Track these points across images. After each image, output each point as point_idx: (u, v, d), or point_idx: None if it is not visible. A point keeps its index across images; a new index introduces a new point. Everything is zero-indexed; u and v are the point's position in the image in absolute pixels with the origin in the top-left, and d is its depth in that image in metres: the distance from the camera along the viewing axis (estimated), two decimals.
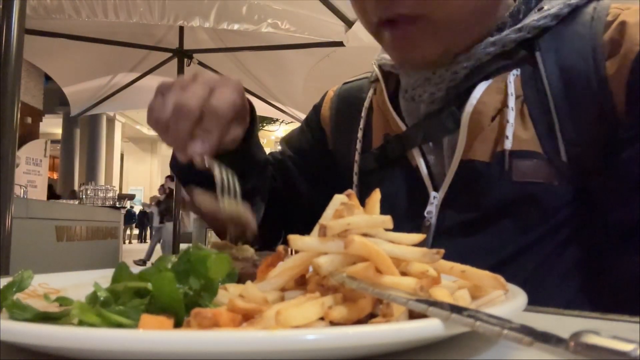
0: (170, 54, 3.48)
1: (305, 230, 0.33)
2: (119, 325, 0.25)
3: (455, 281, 0.34)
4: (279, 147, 0.86)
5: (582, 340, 0.21)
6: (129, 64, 3.64)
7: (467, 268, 0.33)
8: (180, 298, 0.25)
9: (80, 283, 0.43)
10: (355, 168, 0.72)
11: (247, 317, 0.25)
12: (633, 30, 0.55)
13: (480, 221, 0.58)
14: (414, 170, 0.64)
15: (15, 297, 0.33)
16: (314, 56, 3.08)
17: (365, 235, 0.31)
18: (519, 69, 0.59)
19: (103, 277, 0.45)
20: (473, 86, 0.60)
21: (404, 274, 0.30)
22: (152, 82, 3.79)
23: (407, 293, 0.27)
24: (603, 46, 0.56)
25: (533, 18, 0.60)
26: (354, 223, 0.31)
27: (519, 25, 0.60)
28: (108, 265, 0.48)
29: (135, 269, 0.35)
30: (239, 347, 0.20)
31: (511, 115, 0.57)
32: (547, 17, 0.59)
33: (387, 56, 0.71)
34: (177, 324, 0.26)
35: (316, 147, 0.81)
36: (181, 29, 3.35)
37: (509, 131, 0.57)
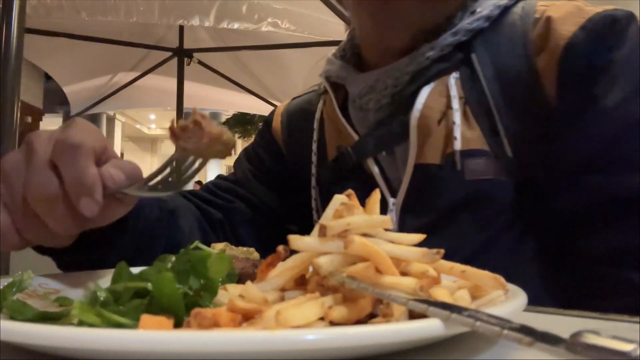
0: (170, 53, 3.48)
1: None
2: (119, 325, 0.25)
3: (455, 281, 0.34)
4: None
5: (582, 340, 0.21)
6: (129, 63, 3.64)
7: (467, 268, 0.33)
8: (180, 298, 0.25)
9: (80, 283, 0.43)
10: (313, 182, 0.73)
11: (247, 317, 0.25)
12: (558, 25, 0.57)
13: (439, 223, 0.59)
14: (370, 178, 0.65)
15: (15, 297, 0.33)
16: (314, 55, 3.07)
17: (365, 235, 0.31)
18: (457, 72, 0.61)
19: (103, 277, 0.46)
20: (416, 92, 0.62)
21: (404, 274, 0.30)
22: (152, 81, 3.79)
23: (407, 293, 0.27)
24: (532, 42, 0.59)
25: (467, 21, 0.62)
26: (354, 223, 0.31)
27: (454, 29, 0.62)
28: None
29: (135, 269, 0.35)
30: (239, 347, 0.20)
31: (457, 116, 0.59)
32: (480, 20, 0.62)
33: (333, 67, 0.72)
34: (177, 324, 0.26)
35: (273, 158, 0.80)
36: (181, 28, 3.35)
37: (457, 132, 0.58)
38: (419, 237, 0.34)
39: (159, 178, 0.43)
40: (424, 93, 0.61)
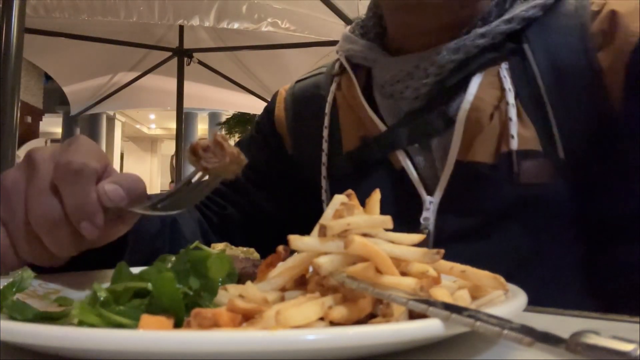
0: (170, 53, 3.48)
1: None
2: (119, 325, 0.25)
3: (455, 281, 0.34)
4: None
5: (582, 340, 0.21)
6: (128, 63, 3.64)
7: (467, 268, 0.32)
8: (180, 298, 0.25)
9: (80, 283, 0.43)
10: (324, 171, 0.66)
11: (247, 317, 0.25)
12: (626, 21, 0.53)
13: (483, 226, 0.55)
14: (398, 173, 0.59)
15: (15, 297, 0.33)
16: (314, 55, 3.07)
17: (365, 235, 0.31)
18: (506, 63, 0.56)
19: (103, 277, 0.46)
20: (461, 82, 0.56)
21: (404, 274, 0.30)
22: (152, 81, 3.79)
23: (407, 293, 0.27)
24: (592, 37, 0.54)
25: (521, 8, 0.57)
26: (354, 223, 0.31)
27: (507, 16, 0.56)
28: None
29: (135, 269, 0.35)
30: (239, 347, 0.20)
31: (512, 112, 0.53)
32: (536, 8, 0.56)
33: (355, 47, 0.65)
34: (177, 324, 0.26)
35: (273, 154, 0.74)
36: (181, 28, 3.35)
37: (513, 129, 0.53)
38: (419, 237, 0.34)
39: (172, 198, 0.43)
40: (475, 83, 0.56)
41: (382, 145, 0.61)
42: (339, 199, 0.35)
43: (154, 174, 17.28)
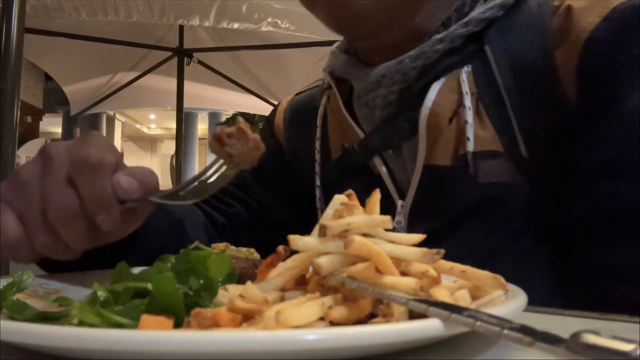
0: (170, 53, 3.48)
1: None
2: (119, 325, 0.25)
3: (455, 281, 0.34)
4: None
5: (582, 340, 0.21)
6: (128, 63, 3.64)
7: (467, 268, 0.33)
8: (180, 298, 0.25)
9: (80, 283, 0.43)
10: (317, 180, 0.69)
11: (247, 317, 0.25)
12: (579, 16, 0.53)
13: (449, 227, 0.56)
14: (376, 178, 0.61)
15: (15, 297, 0.33)
16: (314, 55, 3.07)
17: (365, 235, 0.31)
18: (469, 65, 0.57)
19: (103, 277, 0.46)
20: (425, 87, 0.58)
21: (404, 274, 0.30)
22: (152, 81, 3.79)
23: (407, 293, 0.27)
24: (551, 33, 0.54)
25: (479, 10, 0.58)
26: (354, 223, 0.31)
27: (465, 19, 0.57)
28: None
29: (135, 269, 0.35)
30: (239, 347, 0.20)
31: (469, 115, 0.55)
32: (493, 8, 0.57)
33: (337, 61, 0.68)
34: (177, 324, 0.26)
35: (275, 160, 0.76)
36: (181, 28, 3.35)
37: (469, 132, 0.55)
38: (419, 237, 0.34)
39: (192, 186, 0.44)
40: (434, 89, 0.57)
41: (360, 152, 0.63)
42: (339, 199, 0.35)
43: None
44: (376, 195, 0.35)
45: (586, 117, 0.52)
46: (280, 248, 0.31)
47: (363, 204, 0.67)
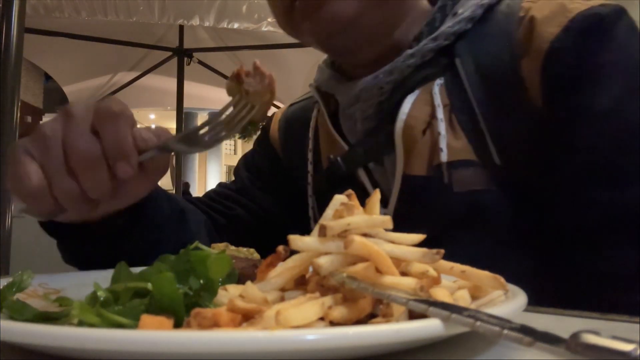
0: (170, 53, 3.48)
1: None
2: (119, 325, 0.25)
3: (455, 281, 0.34)
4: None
5: (582, 340, 0.21)
6: (128, 63, 3.63)
7: (467, 268, 0.33)
8: (180, 298, 0.25)
9: (80, 283, 0.43)
10: (310, 190, 0.71)
11: (247, 317, 0.25)
12: (541, 27, 0.54)
13: (432, 235, 0.57)
14: (363, 188, 0.63)
15: (15, 297, 0.33)
16: (314, 55, 3.06)
17: (365, 235, 0.31)
18: (442, 78, 0.59)
19: (103, 277, 0.46)
20: (401, 101, 0.60)
21: (404, 274, 0.30)
22: (152, 81, 3.79)
23: (407, 293, 0.27)
24: (517, 43, 0.55)
25: (447, 25, 0.59)
26: (354, 223, 0.31)
27: (435, 34, 0.59)
28: None
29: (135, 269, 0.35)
30: (239, 347, 0.20)
31: (441, 126, 0.57)
32: (462, 22, 0.59)
33: (322, 76, 0.70)
34: (177, 324, 0.26)
35: (271, 166, 0.80)
36: (181, 27, 3.35)
37: (442, 143, 0.56)
38: (419, 237, 0.34)
39: (211, 130, 0.47)
40: (408, 102, 0.59)
41: (344, 164, 0.65)
42: (339, 199, 0.35)
43: None
44: (376, 196, 0.35)
45: (556, 125, 0.53)
46: (280, 248, 0.31)
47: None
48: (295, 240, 0.30)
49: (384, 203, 0.61)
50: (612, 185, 0.50)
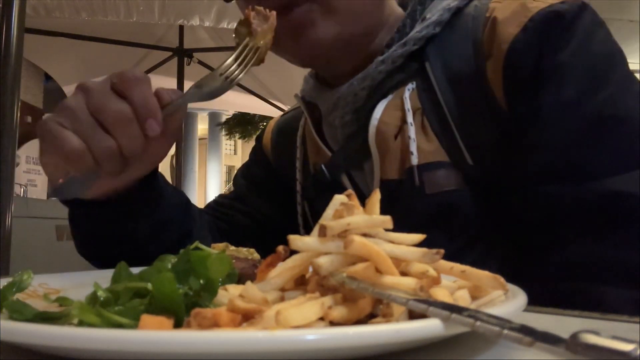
0: (170, 53, 3.48)
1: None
2: (119, 325, 0.25)
3: (455, 281, 0.34)
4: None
5: (582, 340, 0.21)
6: (129, 63, 3.63)
7: (467, 268, 0.33)
8: (180, 298, 0.25)
9: (80, 283, 0.43)
10: (298, 198, 0.74)
11: (247, 317, 0.25)
12: (502, 27, 0.55)
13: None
14: None
15: (15, 297, 0.33)
16: None
17: (365, 235, 0.31)
18: (414, 82, 0.60)
19: (103, 277, 0.46)
20: (374, 107, 0.61)
21: (403, 274, 0.30)
22: (152, 81, 3.76)
23: (407, 293, 0.27)
24: (482, 45, 0.56)
25: (416, 30, 0.60)
26: (354, 223, 0.31)
27: (404, 40, 0.60)
28: None
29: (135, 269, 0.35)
30: (239, 347, 0.20)
31: (411, 130, 0.58)
32: (429, 26, 0.60)
33: (307, 86, 0.73)
34: (177, 324, 0.26)
35: (266, 174, 0.83)
36: (181, 28, 3.35)
37: (413, 147, 0.57)
38: (419, 237, 0.34)
39: (234, 64, 0.51)
40: (380, 108, 0.61)
41: (328, 170, 0.67)
42: (338, 199, 0.35)
43: None
44: (376, 196, 0.35)
45: (518, 125, 0.54)
46: (280, 248, 0.31)
47: None
48: (295, 240, 0.30)
49: None
50: (572, 180, 0.50)
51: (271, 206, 0.80)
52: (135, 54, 3.54)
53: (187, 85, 3.78)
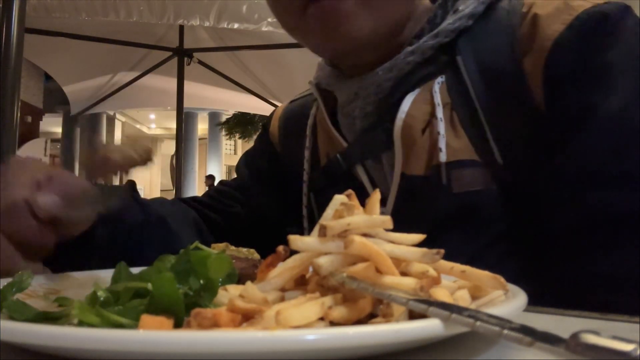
0: (170, 53, 3.48)
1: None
2: (119, 326, 0.25)
3: (455, 281, 0.34)
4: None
5: (582, 340, 0.21)
6: (129, 63, 3.63)
7: (467, 268, 0.33)
8: (180, 298, 0.25)
9: (79, 283, 0.43)
10: (305, 189, 0.71)
11: (247, 317, 0.25)
12: (544, 24, 0.53)
13: (428, 234, 0.57)
14: (361, 185, 0.63)
15: (15, 297, 0.33)
16: (314, 55, 3.06)
17: (365, 235, 0.31)
18: (443, 76, 0.58)
19: (103, 277, 0.46)
20: (401, 99, 0.59)
21: (404, 274, 0.30)
22: (152, 81, 3.79)
23: (408, 293, 0.27)
24: (520, 40, 0.55)
25: (448, 21, 0.59)
26: (354, 223, 0.31)
27: (435, 31, 0.58)
28: None
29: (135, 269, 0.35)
30: (239, 347, 0.20)
31: (441, 126, 0.56)
32: (462, 19, 0.58)
33: (322, 73, 0.70)
34: (177, 324, 0.26)
35: (270, 163, 0.80)
36: (181, 28, 3.35)
37: (442, 143, 0.55)
38: (419, 237, 0.34)
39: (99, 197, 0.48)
40: (407, 101, 0.59)
41: (343, 160, 0.65)
42: (338, 199, 0.35)
43: (154, 174, 17.27)
44: (376, 195, 0.35)
45: (561, 126, 0.52)
46: (280, 248, 0.31)
47: None
48: (295, 240, 0.30)
49: (383, 202, 0.61)
50: (613, 188, 0.49)
51: (271, 199, 0.78)
52: (135, 54, 3.55)
53: (187, 85, 3.77)
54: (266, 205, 0.78)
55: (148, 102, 4.69)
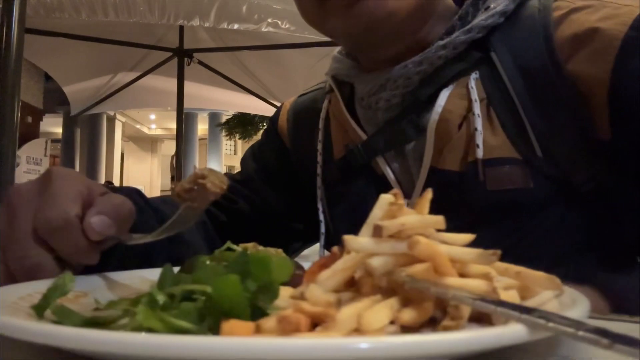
0: (170, 54, 3.46)
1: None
2: (183, 331, 0.24)
3: (499, 281, 0.34)
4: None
5: None
6: (129, 63, 3.61)
7: (522, 269, 0.32)
8: (245, 302, 0.25)
9: (105, 285, 0.43)
10: (319, 182, 0.71)
11: (313, 321, 0.24)
12: (602, 24, 0.53)
13: (457, 230, 0.57)
14: (379, 178, 0.63)
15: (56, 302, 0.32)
16: (314, 55, 3.06)
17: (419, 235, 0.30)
18: (477, 72, 0.59)
19: (128, 278, 0.45)
20: (434, 94, 0.59)
21: (461, 275, 0.29)
22: (153, 81, 3.77)
23: (474, 294, 0.26)
24: (559, 44, 0.55)
25: (481, 18, 0.59)
26: (409, 223, 0.30)
27: (467, 26, 0.59)
28: None
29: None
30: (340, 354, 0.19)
31: (478, 122, 0.56)
32: (495, 15, 0.59)
33: (340, 65, 0.70)
34: None
35: (280, 158, 0.79)
36: (181, 28, 3.33)
37: (479, 139, 0.55)
38: (469, 237, 0.33)
39: (162, 229, 0.44)
40: (444, 96, 0.59)
41: (363, 152, 0.65)
42: (386, 198, 0.34)
43: (154, 174, 17.22)
44: (427, 195, 0.35)
45: (632, 127, 0.51)
46: (336, 249, 0.30)
47: (366, 202, 0.65)
48: (351, 240, 0.29)
49: (407, 194, 0.61)
50: None
51: (277, 194, 0.77)
52: (135, 54, 3.53)
53: (187, 85, 3.75)
54: (272, 200, 0.77)
55: (148, 103, 4.66)
